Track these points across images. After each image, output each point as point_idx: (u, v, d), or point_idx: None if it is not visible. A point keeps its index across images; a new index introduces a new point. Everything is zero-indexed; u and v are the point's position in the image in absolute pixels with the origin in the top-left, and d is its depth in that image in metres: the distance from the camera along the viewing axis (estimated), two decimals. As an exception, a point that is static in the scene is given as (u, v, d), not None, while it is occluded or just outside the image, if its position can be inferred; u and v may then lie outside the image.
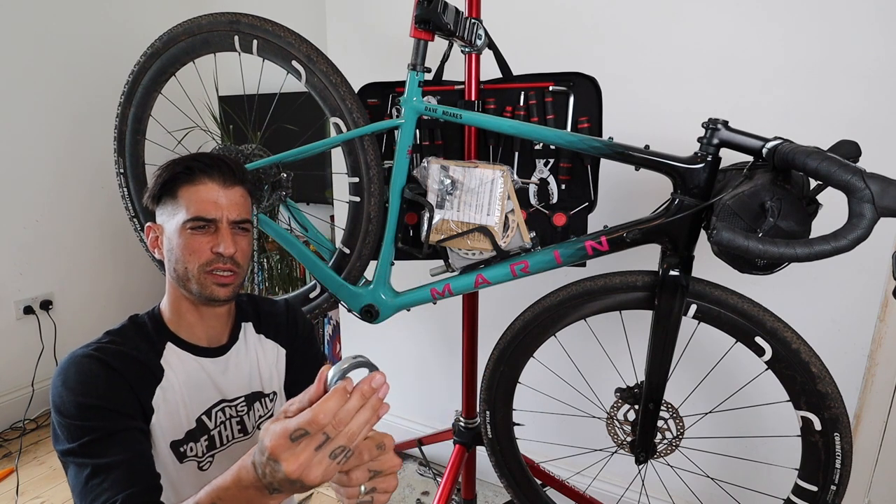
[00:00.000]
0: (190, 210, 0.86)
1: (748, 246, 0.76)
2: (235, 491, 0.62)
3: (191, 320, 0.92)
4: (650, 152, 0.99)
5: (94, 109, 2.37)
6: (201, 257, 0.87)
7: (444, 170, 1.12)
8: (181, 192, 0.87)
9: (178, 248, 0.87)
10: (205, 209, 0.86)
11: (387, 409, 0.58)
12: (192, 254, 0.87)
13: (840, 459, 0.98)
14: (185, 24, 1.18)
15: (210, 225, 0.87)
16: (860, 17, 1.20)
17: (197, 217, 0.86)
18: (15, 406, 2.27)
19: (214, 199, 0.87)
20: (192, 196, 0.86)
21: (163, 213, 0.89)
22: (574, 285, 1.10)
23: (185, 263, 0.87)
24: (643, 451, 1.12)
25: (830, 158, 0.72)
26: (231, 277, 0.89)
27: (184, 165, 0.87)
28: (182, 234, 0.86)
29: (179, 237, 0.87)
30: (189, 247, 0.86)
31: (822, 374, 0.96)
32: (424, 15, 1.00)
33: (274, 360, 1.01)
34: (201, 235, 0.87)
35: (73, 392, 0.78)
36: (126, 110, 1.31)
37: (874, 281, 1.28)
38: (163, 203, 0.89)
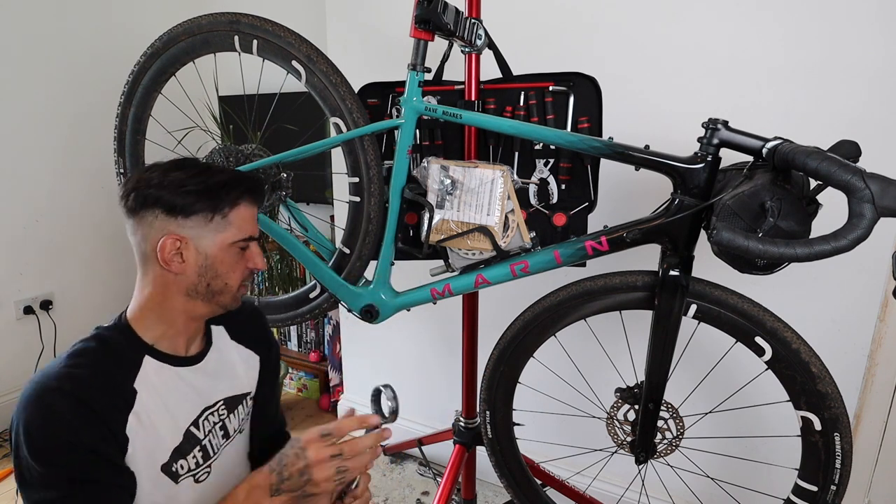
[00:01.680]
0: (243, 229, 0.89)
1: (748, 246, 0.76)
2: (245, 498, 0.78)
3: (179, 329, 0.90)
4: (650, 152, 0.99)
5: (95, 109, 2.37)
6: (243, 274, 0.92)
7: (444, 170, 1.12)
8: (231, 213, 0.87)
9: (220, 265, 0.88)
10: (252, 229, 0.91)
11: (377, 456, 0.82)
12: (235, 271, 0.90)
13: (840, 459, 0.98)
14: (185, 24, 1.18)
15: (251, 243, 0.92)
16: (860, 17, 1.20)
17: (249, 237, 0.90)
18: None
19: (254, 220, 0.92)
20: (242, 215, 0.89)
21: (194, 227, 0.85)
22: (574, 285, 1.10)
23: (226, 279, 0.89)
24: (643, 451, 1.12)
25: (830, 158, 0.72)
26: None
27: (244, 186, 0.89)
28: (229, 252, 0.88)
29: (224, 254, 0.88)
30: (234, 264, 0.90)
31: (822, 374, 0.96)
32: (424, 15, 1.00)
33: (246, 363, 1.03)
34: (243, 252, 0.91)
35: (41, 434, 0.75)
36: (126, 110, 1.31)
37: (874, 281, 1.28)
38: (195, 215, 0.85)
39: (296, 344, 2.63)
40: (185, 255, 0.86)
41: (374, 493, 1.87)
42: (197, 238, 0.86)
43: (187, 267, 0.86)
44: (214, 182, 0.86)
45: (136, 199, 0.84)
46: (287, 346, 2.67)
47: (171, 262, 0.85)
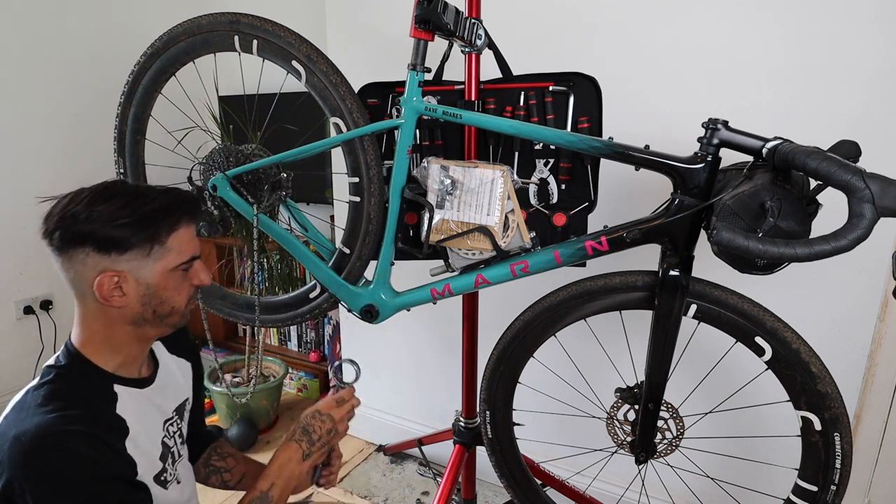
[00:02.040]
0: (184, 252, 0.87)
1: (748, 246, 0.76)
2: (278, 468, 0.94)
3: (134, 355, 0.91)
4: (650, 152, 0.99)
5: (95, 109, 2.37)
6: (189, 293, 0.91)
7: (444, 170, 1.12)
8: (170, 240, 0.85)
9: (163, 291, 0.86)
10: (194, 249, 0.89)
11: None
12: (181, 293, 0.89)
13: (840, 459, 0.98)
14: (185, 24, 1.18)
15: (194, 262, 0.90)
16: (860, 16, 1.20)
17: (191, 259, 0.88)
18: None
19: (194, 238, 0.90)
20: (181, 238, 0.86)
21: (131, 260, 0.82)
22: (574, 285, 1.10)
23: (172, 303, 0.88)
24: (643, 451, 1.12)
25: (830, 158, 0.72)
26: None
27: (181, 210, 0.86)
28: (171, 277, 0.87)
29: (166, 280, 0.86)
30: (179, 287, 0.89)
31: (822, 374, 0.96)
32: (424, 15, 1.00)
33: (183, 373, 1.06)
34: (186, 273, 0.89)
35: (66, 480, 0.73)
36: (126, 110, 1.31)
37: (874, 281, 1.28)
38: (132, 249, 0.82)
39: (296, 344, 2.63)
40: (125, 288, 0.83)
41: (374, 493, 1.88)
42: (135, 270, 0.83)
43: (129, 299, 0.84)
44: (148, 210, 0.82)
45: (62, 238, 0.80)
46: (287, 346, 2.67)
47: (110, 298, 0.83)
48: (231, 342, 2.82)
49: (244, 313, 1.39)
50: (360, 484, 1.92)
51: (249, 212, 1.23)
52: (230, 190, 1.22)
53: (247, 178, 1.23)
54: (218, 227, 1.25)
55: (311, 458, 0.97)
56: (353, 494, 1.86)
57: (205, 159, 1.26)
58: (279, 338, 2.70)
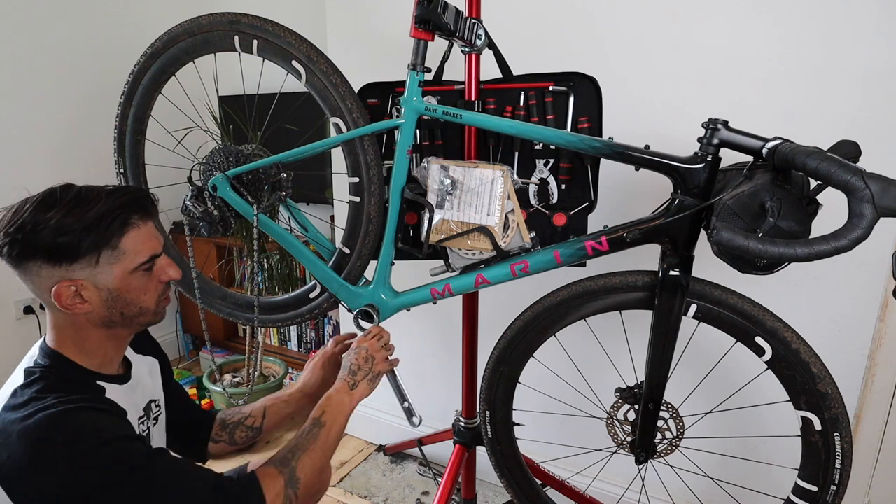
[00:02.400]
0: (141, 254, 0.85)
1: (748, 246, 0.76)
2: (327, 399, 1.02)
3: (111, 355, 0.91)
4: (650, 152, 0.99)
5: (96, 109, 2.37)
6: (157, 291, 0.90)
7: (444, 170, 1.12)
8: (122, 242, 0.83)
9: (129, 293, 0.86)
10: (152, 247, 0.88)
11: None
12: (148, 292, 0.89)
13: (840, 459, 0.98)
14: (186, 24, 1.18)
15: (156, 260, 0.89)
16: (860, 17, 1.20)
17: (150, 258, 0.87)
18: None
19: (154, 235, 0.89)
20: (136, 240, 0.85)
21: (84, 268, 0.81)
22: (574, 285, 1.10)
23: (141, 304, 0.88)
24: (643, 451, 1.12)
25: (830, 158, 0.72)
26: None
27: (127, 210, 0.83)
28: (133, 279, 0.86)
29: (127, 282, 0.85)
30: (144, 287, 0.88)
31: (822, 374, 0.96)
32: (425, 15, 1.00)
33: (150, 371, 1.06)
34: (150, 272, 0.88)
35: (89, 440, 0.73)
36: (126, 110, 1.31)
37: (874, 281, 1.28)
38: (82, 258, 0.80)
39: (296, 344, 2.63)
40: (85, 295, 0.82)
41: (373, 493, 1.88)
42: (92, 277, 0.82)
43: (93, 305, 0.84)
44: (92, 215, 0.80)
45: (11, 252, 0.80)
46: (287, 346, 2.68)
47: (72, 306, 0.82)
48: (231, 342, 2.83)
49: (244, 313, 1.39)
50: (360, 484, 1.92)
51: (250, 212, 1.23)
52: (230, 190, 1.22)
53: (247, 178, 1.23)
54: (218, 227, 1.25)
55: (359, 388, 1.06)
56: (353, 494, 1.86)
57: (205, 159, 1.26)
58: (279, 338, 2.70)
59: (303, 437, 0.96)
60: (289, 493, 0.88)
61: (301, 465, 0.92)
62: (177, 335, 2.91)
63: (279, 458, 0.93)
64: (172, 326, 2.91)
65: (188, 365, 2.85)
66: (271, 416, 1.18)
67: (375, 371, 1.10)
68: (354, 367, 1.08)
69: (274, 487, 0.87)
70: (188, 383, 2.53)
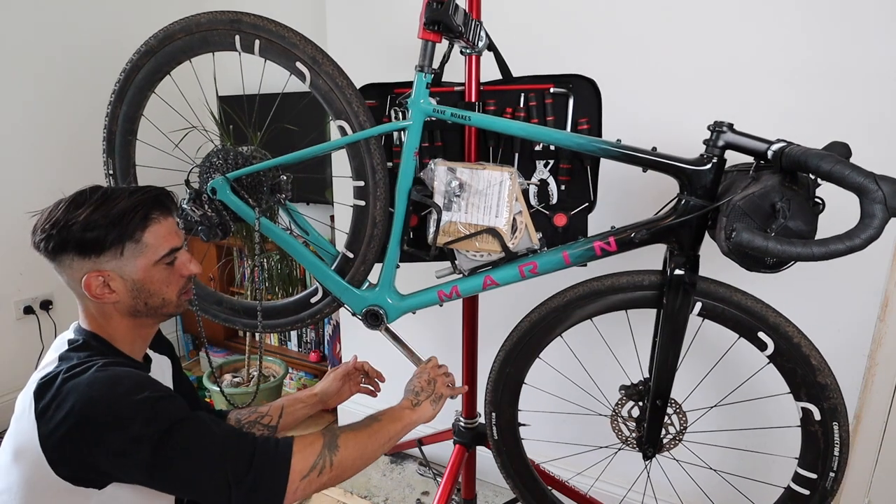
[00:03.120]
0: (161, 247, 0.91)
1: (767, 246, 0.78)
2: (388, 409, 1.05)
3: (139, 344, 0.97)
4: (658, 154, 1.01)
5: (96, 108, 2.26)
6: (178, 284, 0.96)
7: (451, 171, 1.12)
8: (144, 236, 0.89)
9: (153, 285, 0.92)
10: (173, 241, 0.93)
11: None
12: (170, 285, 0.94)
13: (838, 447, 1.02)
14: (183, 22, 1.14)
15: (177, 254, 0.94)
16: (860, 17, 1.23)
17: (171, 251, 0.92)
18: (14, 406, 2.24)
19: (174, 231, 0.94)
20: (157, 234, 0.90)
21: (111, 260, 0.88)
22: (581, 286, 1.11)
23: (163, 295, 0.94)
24: (650, 446, 1.15)
25: (842, 161, 0.75)
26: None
27: (147, 206, 0.89)
28: (156, 271, 0.91)
29: (150, 274, 0.91)
30: (167, 280, 0.93)
31: (822, 367, 1.00)
32: (435, 17, 1.00)
33: (162, 369, 1.09)
34: (171, 265, 0.94)
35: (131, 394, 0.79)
36: (117, 110, 1.26)
37: (874, 281, 1.31)
38: (107, 250, 0.87)
39: (296, 344, 2.62)
40: (112, 285, 0.89)
41: (374, 493, 1.87)
42: (118, 269, 0.89)
43: (120, 295, 0.90)
44: (116, 211, 0.87)
45: (48, 248, 0.87)
46: (287, 346, 2.66)
47: (101, 296, 0.89)
48: (231, 342, 2.81)
49: (242, 319, 1.36)
50: (360, 484, 1.91)
51: (250, 215, 1.20)
52: (230, 193, 1.19)
53: (247, 181, 1.21)
54: (216, 230, 1.21)
55: (422, 406, 1.09)
56: (353, 494, 1.85)
57: (202, 162, 1.22)
58: (279, 338, 2.69)
59: (355, 423, 0.99)
60: (325, 455, 0.89)
61: (345, 438, 0.93)
62: (177, 335, 2.89)
63: (327, 428, 0.97)
64: (172, 326, 2.87)
65: (188, 365, 2.82)
66: (287, 416, 1.20)
67: (438, 393, 1.13)
68: (417, 388, 1.12)
69: (308, 447, 0.88)
70: (188, 383, 2.49)
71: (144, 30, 1.36)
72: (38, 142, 2.25)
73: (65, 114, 2.31)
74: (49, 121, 2.27)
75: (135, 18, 2.50)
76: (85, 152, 2.31)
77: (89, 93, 2.34)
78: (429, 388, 1.13)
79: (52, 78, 2.26)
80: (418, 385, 1.13)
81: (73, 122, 2.33)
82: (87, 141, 2.30)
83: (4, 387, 2.24)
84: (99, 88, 2.28)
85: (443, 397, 1.14)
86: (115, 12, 2.43)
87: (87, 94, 2.34)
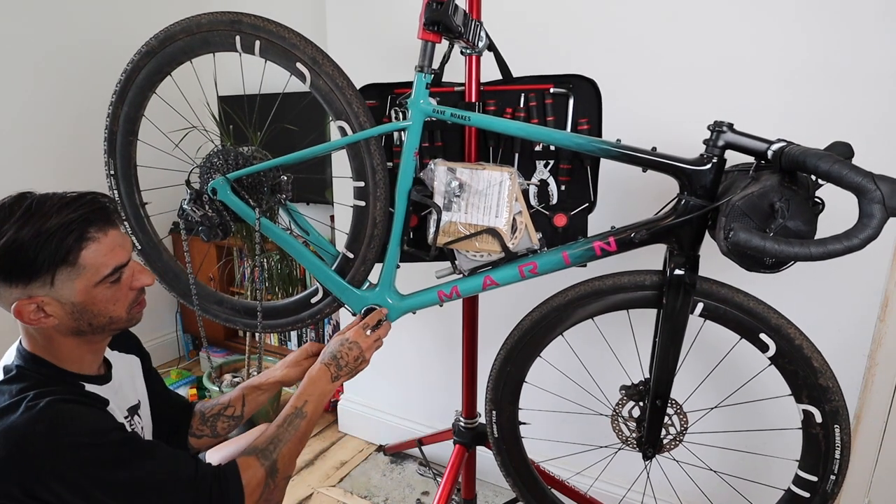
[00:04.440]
0: (103, 267, 0.81)
1: (765, 246, 0.78)
2: (310, 388, 1.01)
3: (89, 359, 0.89)
4: (658, 154, 1.00)
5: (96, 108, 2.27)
6: (127, 298, 0.87)
7: (451, 172, 1.12)
8: (81, 257, 0.79)
9: (96, 305, 0.83)
10: (117, 258, 0.83)
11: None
12: (118, 302, 0.85)
13: (840, 450, 1.02)
14: (184, 23, 1.14)
15: (123, 269, 0.85)
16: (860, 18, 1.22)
17: (115, 269, 0.83)
18: None
19: (119, 244, 0.84)
20: (97, 253, 0.80)
21: (42, 286, 0.78)
22: (583, 285, 1.11)
23: (110, 314, 0.85)
24: (650, 446, 1.14)
25: (841, 161, 0.75)
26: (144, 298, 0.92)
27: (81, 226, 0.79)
28: (99, 291, 0.82)
29: (92, 296, 0.82)
30: (112, 298, 0.84)
31: (824, 369, 1.00)
32: (435, 17, 1.00)
33: (131, 369, 1.04)
34: (118, 283, 0.85)
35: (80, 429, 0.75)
36: (118, 110, 1.26)
37: (874, 281, 1.31)
38: (37, 278, 0.77)
39: (296, 344, 2.63)
40: (48, 310, 0.79)
41: (373, 493, 1.87)
42: (53, 293, 0.79)
43: (58, 318, 0.81)
44: (45, 231, 0.76)
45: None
46: (287, 346, 2.67)
47: (36, 321, 0.80)
48: (231, 342, 2.82)
49: (243, 319, 1.36)
50: (360, 484, 1.91)
51: (251, 215, 1.20)
52: (230, 193, 1.20)
53: (247, 181, 1.21)
54: (217, 231, 1.22)
55: (339, 381, 1.06)
56: (353, 494, 1.85)
57: (203, 162, 1.23)
58: (279, 337, 2.70)
59: (285, 427, 0.97)
60: (269, 483, 0.91)
61: (281, 456, 0.94)
62: (177, 335, 2.88)
63: (261, 448, 0.93)
64: (172, 326, 2.88)
65: (188, 365, 2.81)
66: (250, 405, 1.17)
67: (359, 370, 1.09)
68: (343, 361, 1.06)
69: (254, 478, 0.89)
70: (188, 383, 2.50)
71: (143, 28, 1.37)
72: (37, 141, 2.24)
73: (63, 112, 2.30)
74: (47, 119, 2.26)
75: (134, 17, 2.49)
76: (83, 151, 2.33)
77: (88, 92, 2.34)
78: (354, 364, 1.07)
79: (50, 76, 2.25)
80: (345, 357, 1.06)
81: (71, 120, 2.33)
82: (86, 140, 2.33)
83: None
84: (97, 88, 2.32)
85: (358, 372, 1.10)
86: (115, 11, 2.43)
87: (86, 93, 2.34)
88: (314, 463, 2.03)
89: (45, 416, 0.73)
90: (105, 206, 0.84)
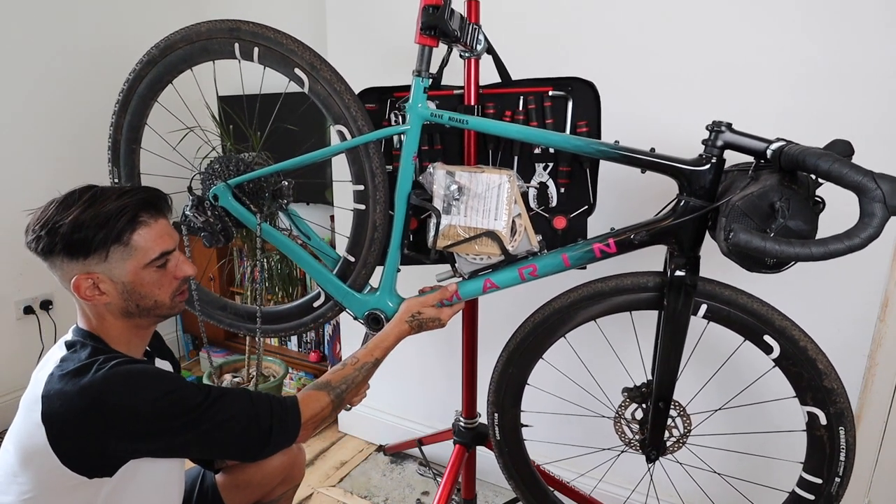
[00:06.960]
0: (152, 251, 0.90)
1: (765, 247, 0.77)
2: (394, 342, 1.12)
3: (136, 342, 0.97)
4: (656, 155, 1.00)
5: (96, 109, 2.33)
6: (171, 286, 0.95)
7: (450, 175, 1.12)
8: (133, 239, 0.88)
9: (143, 287, 0.91)
10: (164, 244, 0.92)
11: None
12: (162, 287, 0.93)
13: (844, 452, 1.01)
14: (184, 32, 1.15)
15: (169, 256, 0.93)
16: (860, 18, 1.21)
17: (162, 254, 0.91)
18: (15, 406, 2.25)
19: (167, 233, 0.93)
20: (146, 237, 0.89)
21: (98, 262, 0.87)
22: (585, 287, 1.11)
23: (155, 297, 0.93)
24: (654, 448, 1.14)
25: (841, 160, 0.74)
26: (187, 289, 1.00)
27: (134, 209, 0.88)
28: (146, 274, 0.91)
29: (141, 277, 0.90)
30: (158, 282, 0.92)
31: (828, 371, 0.98)
32: (431, 21, 1.00)
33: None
34: (164, 268, 0.93)
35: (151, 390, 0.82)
36: (121, 119, 1.28)
37: (874, 281, 1.30)
38: (94, 253, 0.86)
39: (296, 344, 2.63)
40: (102, 287, 0.88)
41: (374, 493, 1.87)
42: (107, 271, 0.88)
43: (110, 297, 0.89)
44: (104, 213, 0.86)
45: (37, 248, 0.87)
46: (287, 346, 2.68)
47: (91, 297, 0.89)
48: (231, 342, 2.82)
49: (246, 324, 1.37)
50: (360, 484, 1.91)
51: (252, 221, 1.21)
52: (232, 199, 1.20)
53: (248, 187, 1.22)
54: (219, 237, 1.23)
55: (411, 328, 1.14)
56: (353, 494, 1.85)
57: (205, 169, 1.24)
58: (279, 338, 2.69)
59: (359, 371, 1.06)
60: (332, 414, 1.01)
61: (350, 394, 1.04)
62: (177, 335, 2.90)
63: (334, 384, 1.02)
64: (172, 326, 2.89)
65: (188, 365, 2.83)
66: None
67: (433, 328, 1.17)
68: (425, 325, 1.15)
69: (319, 409, 0.98)
70: (188, 383, 2.52)
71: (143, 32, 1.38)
72: (39, 141, 2.27)
73: (65, 114, 2.33)
74: (50, 121, 2.28)
75: (134, 21, 2.51)
76: (86, 152, 2.36)
77: (90, 94, 2.36)
78: (428, 323, 1.15)
79: (52, 79, 2.27)
80: (425, 327, 1.15)
81: (73, 122, 2.35)
82: (88, 141, 2.36)
83: (4, 387, 2.25)
84: (99, 90, 2.35)
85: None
86: (115, 13, 2.45)
87: (88, 95, 2.36)
88: (314, 463, 2.03)
89: (119, 373, 0.82)
90: (158, 197, 0.94)
